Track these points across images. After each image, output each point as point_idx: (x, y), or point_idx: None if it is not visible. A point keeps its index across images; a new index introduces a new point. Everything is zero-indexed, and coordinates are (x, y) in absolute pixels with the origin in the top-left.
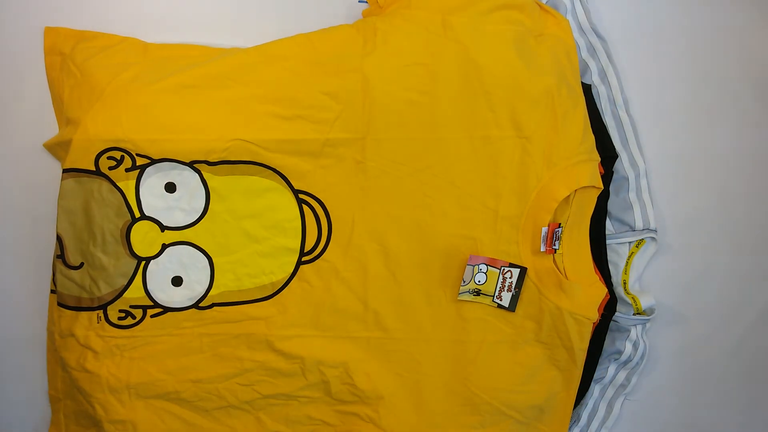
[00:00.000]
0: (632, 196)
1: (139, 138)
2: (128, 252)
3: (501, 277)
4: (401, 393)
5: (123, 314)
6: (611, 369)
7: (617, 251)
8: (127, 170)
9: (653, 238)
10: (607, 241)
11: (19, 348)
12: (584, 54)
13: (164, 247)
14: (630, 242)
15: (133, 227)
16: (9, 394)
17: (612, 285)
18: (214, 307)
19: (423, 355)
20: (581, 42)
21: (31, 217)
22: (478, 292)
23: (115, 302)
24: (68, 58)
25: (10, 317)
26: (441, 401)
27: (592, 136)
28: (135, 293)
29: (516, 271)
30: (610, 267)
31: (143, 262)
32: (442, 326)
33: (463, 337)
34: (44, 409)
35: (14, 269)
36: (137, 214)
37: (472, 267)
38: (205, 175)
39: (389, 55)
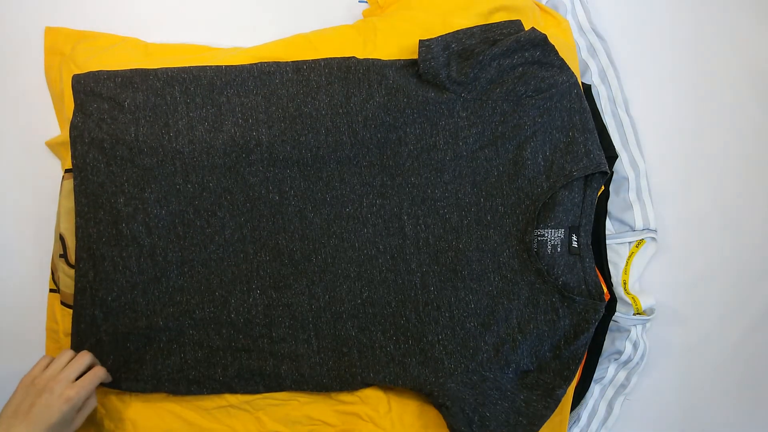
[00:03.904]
0: (632, 196)
1: None
2: None
3: None
4: (402, 392)
5: None
6: (611, 369)
7: (617, 251)
8: None
9: (653, 238)
10: (607, 241)
11: (19, 347)
12: (584, 54)
13: None
14: (630, 242)
15: None
16: (9, 394)
17: (612, 285)
18: None
19: None
20: (581, 42)
21: (31, 217)
22: None
23: None
24: (69, 58)
25: (10, 316)
26: None
27: None
28: None
29: None
30: (610, 267)
31: None
32: None
33: None
34: None
35: (15, 269)
36: None
37: None
38: None
39: (390, 56)
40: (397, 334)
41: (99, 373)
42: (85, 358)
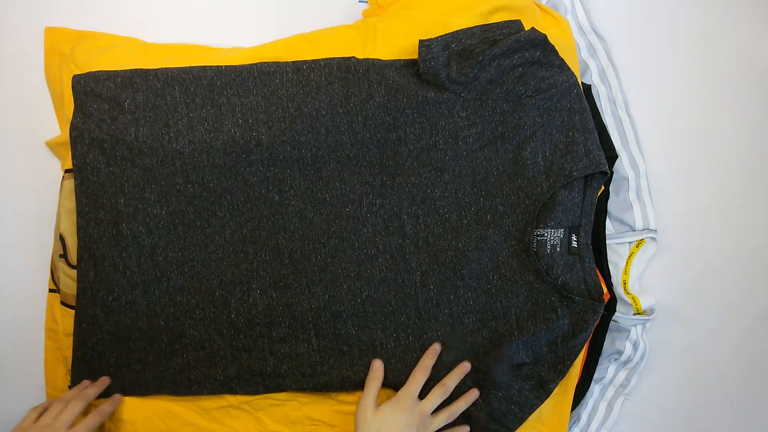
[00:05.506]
0: (632, 196)
1: None
2: None
3: None
4: None
5: None
6: (611, 369)
7: (617, 251)
8: None
9: (653, 238)
10: (607, 241)
11: (19, 347)
12: (584, 54)
13: None
14: (630, 242)
15: None
16: (9, 393)
17: (612, 285)
18: None
19: None
20: (581, 42)
21: (31, 217)
22: None
23: None
24: (69, 58)
25: (10, 316)
26: None
27: None
28: None
29: None
30: (610, 267)
31: None
32: None
33: None
34: None
35: (15, 269)
36: None
37: None
38: None
39: (390, 56)
40: (397, 331)
41: (94, 419)
42: (79, 404)
